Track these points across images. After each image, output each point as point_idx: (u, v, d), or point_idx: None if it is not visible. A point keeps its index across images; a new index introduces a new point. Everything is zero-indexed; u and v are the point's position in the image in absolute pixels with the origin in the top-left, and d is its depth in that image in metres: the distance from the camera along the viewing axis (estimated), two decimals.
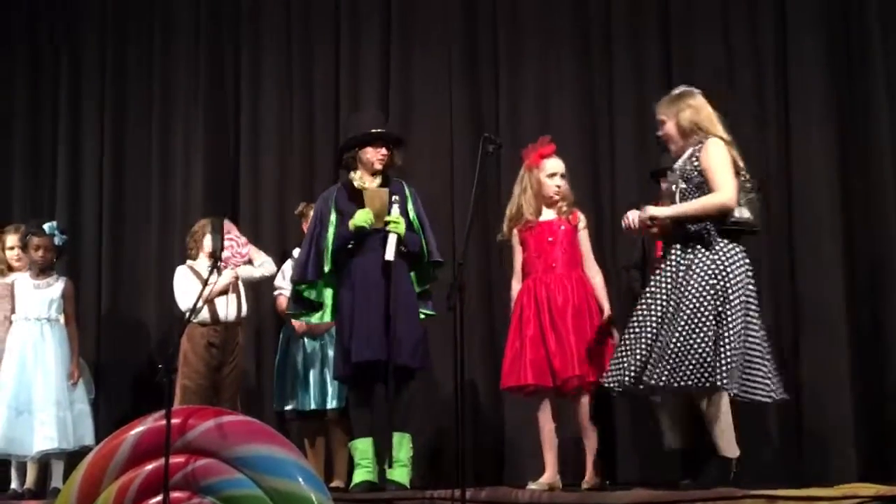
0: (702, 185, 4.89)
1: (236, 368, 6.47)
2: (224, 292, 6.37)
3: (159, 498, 4.18)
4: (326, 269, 5.56)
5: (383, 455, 5.46)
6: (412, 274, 5.68)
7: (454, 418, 4.94)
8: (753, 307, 4.85)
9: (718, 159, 4.85)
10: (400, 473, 5.44)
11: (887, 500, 4.33)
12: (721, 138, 4.92)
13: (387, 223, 5.49)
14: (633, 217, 4.96)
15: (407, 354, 5.44)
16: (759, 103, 6.58)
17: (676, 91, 5.14)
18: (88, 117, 8.02)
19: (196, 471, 4.26)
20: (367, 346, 5.41)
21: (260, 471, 4.24)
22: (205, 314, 6.32)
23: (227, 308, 6.39)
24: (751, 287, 4.85)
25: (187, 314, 5.50)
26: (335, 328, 5.76)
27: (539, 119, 6.93)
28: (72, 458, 6.19)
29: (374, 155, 5.68)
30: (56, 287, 6.56)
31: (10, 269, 6.75)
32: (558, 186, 5.60)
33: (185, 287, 6.39)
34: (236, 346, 6.46)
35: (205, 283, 5.07)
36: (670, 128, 5.05)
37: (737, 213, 4.85)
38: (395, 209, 5.53)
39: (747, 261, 4.86)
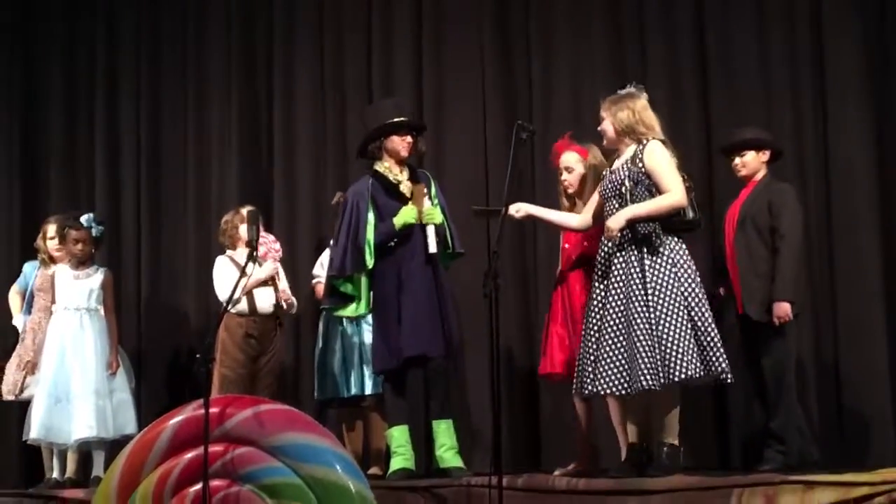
0: (651, 187, 5.08)
1: (274, 359, 6.51)
2: (263, 284, 6.41)
3: (199, 486, 4.22)
4: (370, 264, 5.56)
5: (428, 443, 5.51)
6: None
7: (491, 405, 4.96)
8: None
9: (664, 161, 5.07)
10: (457, 459, 5.49)
11: None
12: (661, 140, 5.13)
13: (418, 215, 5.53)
14: (615, 228, 5.05)
15: (453, 346, 5.52)
16: (794, 80, 6.54)
17: (623, 91, 5.29)
18: (125, 110, 8.08)
19: (234, 459, 4.31)
20: (418, 341, 5.44)
21: (298, 459, 4.27)
22: (243, 305, 6.37)
23: (265, 300, 6.43)
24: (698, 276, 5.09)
25: (225, 304, 5.53)
26: (373, 319, 5.77)
27: (572, 105, 6.91)
28: (113, 447, 6.26)
29: (400, 143, 5.67)
30: (95, 278, 6.63)
31: (52, 259, 6.83)
32: (564, 180, 5.70)
33: (225, 277, 6.43)
34: (274, 337, 6.50)
35: (242, 272, 5.09)
36: (607, 126, 5.26)
37: (688, 213, 5.08)
38: (427, 201, 5.56)
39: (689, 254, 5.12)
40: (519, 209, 5.40)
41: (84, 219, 6.65)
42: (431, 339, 5.44)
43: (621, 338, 5.02)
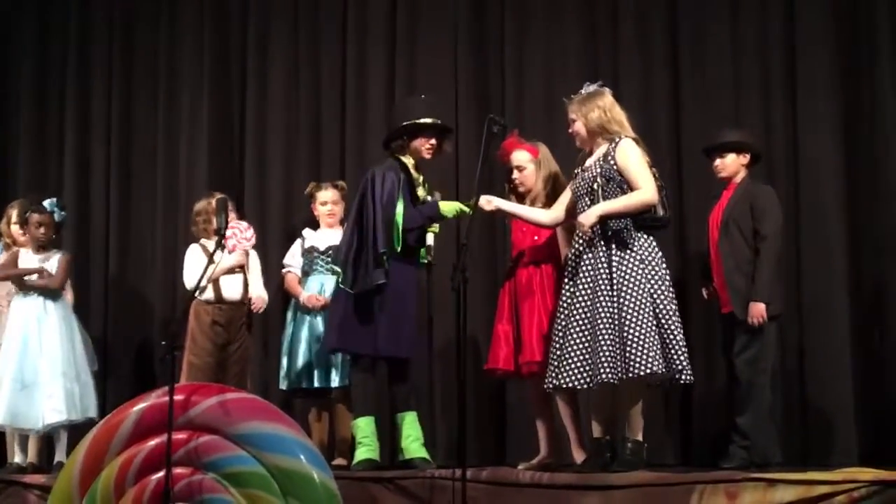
0: (622, 184, 5.15)
1: (242, 347, 6.48)
2: (231, 272, 6.39)
3: (162, 474, 4.21)
4: (398, 248, 5.48)
5: (393, 434, 5.51)
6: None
7: (456, 398, 4.97)
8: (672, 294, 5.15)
9: (636, 159, 5.14)
10: (423, 450, 5.51)
11: (886, 484, 4.34)
12: (633, 138, 5.19)
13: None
14: (587, 224, 5.09)
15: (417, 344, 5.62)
16: (765, 70, 6.58)
17: (586, 90, 5.34)
18: (96, 94, 8.02)
19: (198, 447, 4.29)
20: (396, 344, 5.47)
21: (262, 448, 4.26)
22: (209, 293, 6.34)
23: (232, 288, 6.41)
24: (668, 276, 5.16)
25: (191, 291, 5.52)
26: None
27: (544, 99, 6.92)
28: (74, 431, 6.23)
29: (424, 144, 5.62)
30: (54, 260, 6.57)
31: (15, 243, 6.78)
32: (515, 178, 5.73)
33: (193, 265, 6.40)
34: (242, 326, 6.48)
35: (209, 260, 5.08)
36: (579, 127, 5.31)
37: (658, 211, 5.15)
38: (447, 204, 5.62)
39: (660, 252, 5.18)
40: (490, 201, 5.41)
41: (47, 203, 6.60)
42: (407, 345, 5.50)
43: (586, 332, 5.06)
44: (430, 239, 5.56)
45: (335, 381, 6.24)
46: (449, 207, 5.56)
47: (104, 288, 7.79)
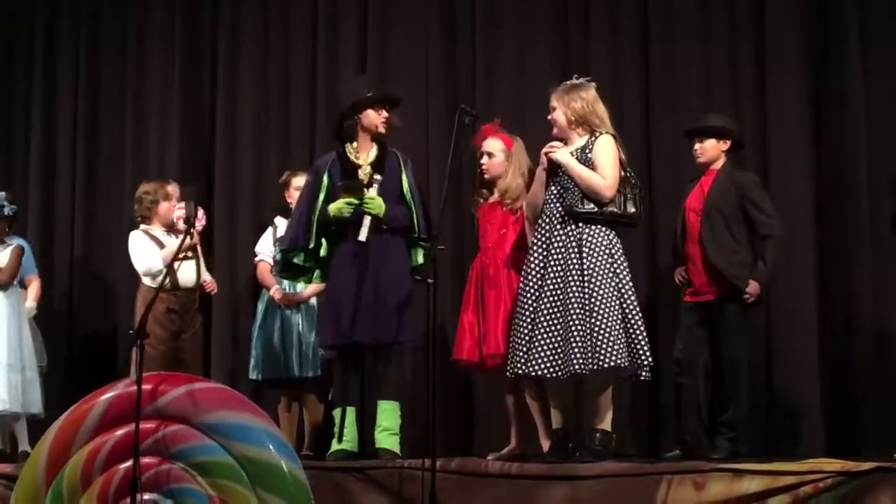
0: None
1: (196, 334, 6.44)
2: (185, 257, 6.31)
3: (129, 463, 4.18)
4: (311, 243, 5.52)
5: (369, 424, 5.48)
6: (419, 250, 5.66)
7: (426, 389, 4.97)
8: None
9: (609, 155, 5.15)
10: (390, 441, 5.46)
11: (852, 475, 4.38)
12: (612, 135, 5.21)
13: (363, 203, 5.45)
14: (555, 157, 5.18)
15: (382, 330, 5.43)
16: (735, 78, 6.62)
17: (572, 81, 5.33)
18: (63, 84, 7.95)
19: (166, 437, 4.27)
20: (333, 331, 5.45)
21: (231, 438, 4.24)
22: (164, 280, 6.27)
23: (186, 274, 6.36)
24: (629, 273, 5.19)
25: (162, 275, 5.45)
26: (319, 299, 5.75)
27: (515, 91, 6.93)
28: (39, 423, 6.17)
29: (377, 118, 5.59)
30: (5, 254, 6.49)
31: None
32: (482, 164, 5.72)
33: (143, 249, 6.34)
34: (195, 312, 6.43)
35: (180, 247, 5.07)
36: (559, 116, 5.30)
37: (630, 208, 5.17)
38: (374, 189, 5.49)
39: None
40: (554, 147, 5.26)
41: None
42: (347, 328, 5.42)
43: (556, 322, 5.06)
44: (365, 222, 5.44)
45: (307, 371, 6.23)
46: (333, 207, 5.49)
47: (69, 275, 7.72)
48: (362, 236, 5.43)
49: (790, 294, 6.31)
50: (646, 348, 5.07)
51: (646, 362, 5.07)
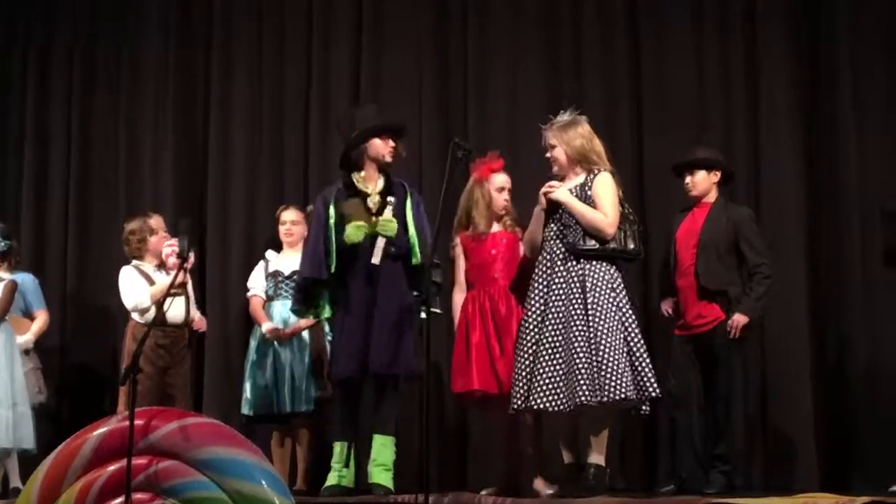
0: None
1: (184, 370, 6.40)
2: (174, 294, 6.23)
3: (121, 499, 4.15)
4: (332, 269, 5.47)
5: (364, 459, 5.44)
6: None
7: (419, 423, 4.95)
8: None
9: (609, 193, 5.19)
10: (383, 477, 5.42)
11: None
12: (610, 172, 5.24)
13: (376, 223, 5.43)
14: (554, 196, 5.19)
15: (385, 363, 5.39)
16: (727, 97, 6.67)
17: (566, 118, 5.35)
18: (55, 116, 7.92)
19: (158, 472, 4.24)
20: (347, 363, 5.40)
21: (223, 473, 4.21)
22: (153, 314, 6.24)
23: (175, 310, 6.33)
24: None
25: (158, 311, 5.41)
26: (333, 330, 5.69)
27: (508, 123, 6.96)
28: (30, 459, 6.12)
29: (384, 148, 5.57)
30: None
31: None
32: (506, 201, 5.73)
33: (135, 286, 6.31)
34: (184, 349, 6.41)
35: (171, 284, 5.05)
36: (559, 154, 5.31)
37: (629, 244, 5.19)
38: (389, 210, 5.48)
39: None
40: (553, 187, 5.28)
41: None
42: (359, 360, 5.38)
43: (559, 356, 5.06)
44: (379, 243, 5.43)
45: (300, 406, 6.20)
46: (349, 233, 5.43)
47: (61, 308, 7.67)
48: (376, 259, 5.41)
49: (783, 327, 6.33)
50: (652, 380, 5.06)
51: (653, 394, 5.06)
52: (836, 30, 6.58)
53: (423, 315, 5.17)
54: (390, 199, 5.50)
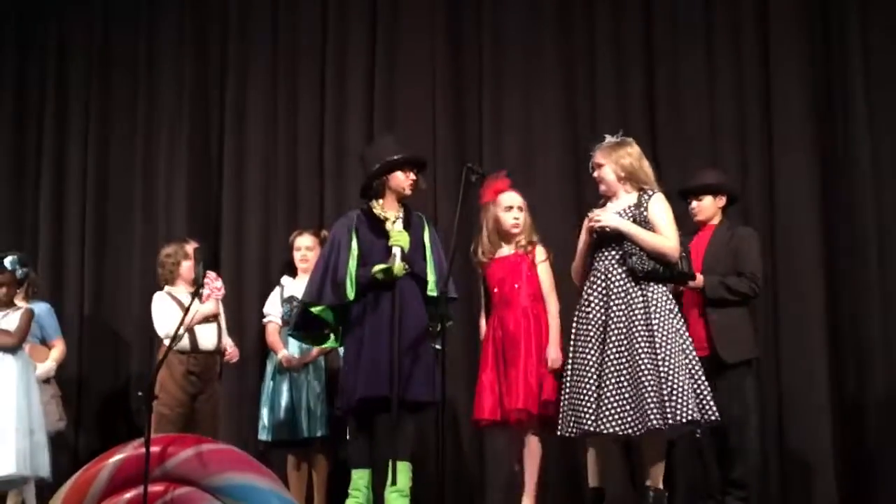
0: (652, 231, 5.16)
1: (213, 397, 6.42)
2: (206, 321, 6.34)
3: None
4: (351, 296, 5.36)
5: (382, 485, 5.41)
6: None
7: (435, 448, 4.93)
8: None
9: (668, 215, 5.18)
10: (400, 501, 5.40)
11: None
12: (663, 192, 5.23)
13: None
14: (606, 222, 5.13)
15: (416, 388, 5.30)
16: (741, 115, 6.67)
17: (616, 139, 5.34)
18: (72, 143, 7.96)
19: (175, 499, 4.26)
20: (373, 382, 5.32)
21: (239, 499, 4.24)
22: (185, 342, 6.27)
23: (207, 337, 6.37)
24: None
25: (169, 342, 5.43)
26: (343, 359, 5.67)
27: (522, 146, 6.97)
28: (52, 486, 6.13)
29: (405, 181, 5.52)
30: (14, 316, 6.44)
31: None
32: (516, 219, 5.70)
33: (165, 313, 6.34)
34: (214, 376, 6.43)
35: (186, 310, 5.04)
36: (607, 172, 5.29)
37: (684, 266, 5.16)
38: (399, 224, 5.43)
39: None
40: (597, 216, 5.21)
41: (7, 261, 6.45)
42: (385, 381, 5.25)
43: (624, 380, 5.00)
44: (395, 251, 5.33)
45: (316, 431, 6.20)
46: (377, 269, 5.34)
47: (79, 336, 7.69)
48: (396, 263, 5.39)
49: (801, 349, 6.29)
50: (712, 403, 5.01)
51: (713, 417, 5.01)
52: (847, 38, 6.57)
53: (437, 346, 5.25)
54: (399, 214, 5.45)
